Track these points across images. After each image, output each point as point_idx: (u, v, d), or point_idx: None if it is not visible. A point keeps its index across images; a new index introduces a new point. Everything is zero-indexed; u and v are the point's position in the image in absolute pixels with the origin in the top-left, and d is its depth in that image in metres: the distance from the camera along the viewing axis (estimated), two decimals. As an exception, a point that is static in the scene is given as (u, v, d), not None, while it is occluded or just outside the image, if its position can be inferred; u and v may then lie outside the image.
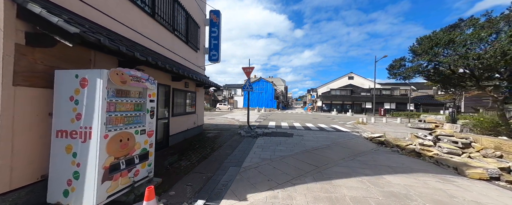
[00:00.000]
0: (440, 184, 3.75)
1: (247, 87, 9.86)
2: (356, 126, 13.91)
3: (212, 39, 9.44)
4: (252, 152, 5.84)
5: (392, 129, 12.68)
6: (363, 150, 6.37)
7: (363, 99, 37.81)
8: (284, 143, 7.26)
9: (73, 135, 2.57)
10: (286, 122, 15.55)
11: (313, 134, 9.61)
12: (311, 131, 10.52)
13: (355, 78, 41.74)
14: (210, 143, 7.01)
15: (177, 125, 6.79)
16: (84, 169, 2.50)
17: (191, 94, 8.17)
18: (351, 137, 9.00)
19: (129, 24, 4.51)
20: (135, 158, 3.08)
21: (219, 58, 9.50)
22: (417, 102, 35.59)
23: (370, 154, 5.89)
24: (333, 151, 6.17)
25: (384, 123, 16.85)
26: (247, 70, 9.89)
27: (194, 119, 8.41)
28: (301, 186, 3.51)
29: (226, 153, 5.71)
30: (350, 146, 6.90)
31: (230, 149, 6.18)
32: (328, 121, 17.69)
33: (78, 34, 2.33)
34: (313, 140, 8.00)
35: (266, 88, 44.56)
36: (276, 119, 18.36)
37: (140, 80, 3.14)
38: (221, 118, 17.22)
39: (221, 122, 14.05)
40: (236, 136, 8.56)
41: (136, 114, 3.15)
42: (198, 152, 5.79)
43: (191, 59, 8.20)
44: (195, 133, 8.59)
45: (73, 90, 2.60)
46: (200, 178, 3.89)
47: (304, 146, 6.82)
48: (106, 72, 2.55)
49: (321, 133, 10.10)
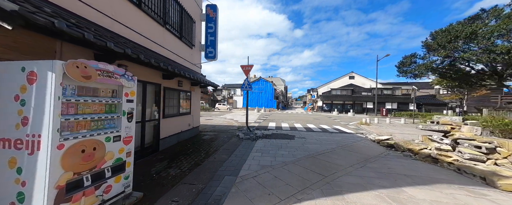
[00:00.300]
0: (471, 198, 3.19)
1: (246, 86, 9.29)
2: (359, 127, 13.35)
3: (209, 35, 8.87)
4: (250, 158, 5.27)
5: (398, 130, 12.12)
6: (373, 155, 5.81)
7: (364, 99, 37.27)
8: (285, 146, 6.69)
9: (17, 145, 2.00)
10: (287, 123, 14.99)
11: (316, 136, 9.05)
12: (313, 133, 9.95)
13: (356, 78, 41.20)
14: (205, 147, 6.44)
15: (169, 127, 6.22)
16: (30, 189, 1.93)
17: (185, 94, 7.60)
18: (357, 139, 8.44)
19: (110, 13, 3.93)
20: (106, 171, 2.51)
21: (216, 55, 8.93)
22: (419, 102, 35.05)
23: (381, 160, 5.33)
24: (340, 156, 5.60)
25: (388, 123, 16.29)
26: (246, 68, 9.32)
27: (189, 120, 7.84)
28: (308, 203, 2.95)
29: (222, 159, 5.15)
30: (357, 150, 6.34)
31: (226, 154, 5.61)
32: (330, 121, 17.13)
33: (18, 13, 1.76)
34: (316, 143, 7.43)
35: (266, 88, 43.98)
36: (276, 119, 17.80)
37: (113, 76, 2.57)
38: (220, 119, 16.65)
39: (219, 123, 13.48)
40: (234, 138, 7.99)
41: (107, 117, 2.58)
42: (191, 158, 5.22)
43: (185, 56, 7.63)
44: (190, 135, 8.02)
45: (19, 87, 2.03)
46: (189, 191, 3.32)
47: (308, 150, 6.26)
48: (60, 64, 1.98)
49: (324, 135, 9.53)
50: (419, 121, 17.14)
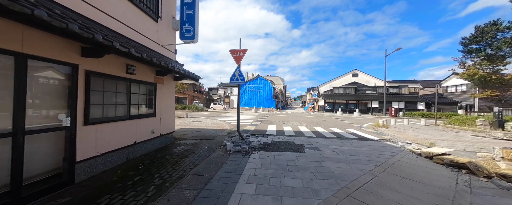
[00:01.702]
0: None
1: (237, 78, 6.83)
2: (377, 130, 10.97)
3: (185, 7, 6.39)
4: (236, 197, 2.85)
5: (428, 135, 9.73)
6: (444, 187, 3.41)
7: (369, 98, 34.97)
8: (294, 167, 4.27)
9: None
10: (289, 125, 12.55)
11: (333, 145, 6.63)
12: (327, 140, 7.53)
13: (360, 75, 38.82)
14: (167, 169, 3.99)
15: (103, 139, 3.76)
16: None
17: (145, 87, 5.15)
18: (391, 151, 6.03)
19: None
20: None
21: (195, 35, 6.43)
22: (428, 100, 32.81)
23: (474, 200, 2.94)
24: (394, 192, 3.18)
25: (407, 125, 13.94)
26: (236, 53, 6.87)
27: (151, 125, 5.37)
28: None
29: (183, 200, 2.71)
30: (411, 176, 3.93)
31: (195, 186, 3.18)
32: (339, 123, 14.73)
33: None
34: (339, 158, 5.01)
35: (264, 87, 41.51)
36: (276, 121, 15.36)
37: None
38: (210, 121, 14.14)
39: (207, 126, 11.00)
40: (218, 150, 5.55)
41: None
42: (125, 199, 2.77)
43: (146, 31, 5.17)
44: (155, 146, 5.56)
45: None
46: None
47: (332, 175, 3.84)
48: None
49: (342, 143, 7.12)
50: (443, 122, 14.80)
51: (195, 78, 7.06)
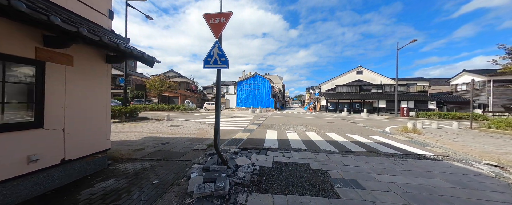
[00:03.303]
0: None
1: (214, 59, 4.09)
2: (411, 138, 8.31)
3: None
4: None
5: (489, 145, 7.05)
6: None
7: (374, 97, 32.44)
8: None
9: None
10: (294, 130, 9.82)
11: (378, 172, 3.93)
12: (359, 160, 4.83)
13: (365, 73, 36.20)
14: None
15: None
16: None
17: (11, 70, 2.39)
18: (489, 186, 3.35)
19: None
20: None
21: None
22: (440, 99, 30.36)
23: None
24: None
25: (438, 129, 11.33)
26: (213, 20, 4.14)
27: (29, 146, 2.62)
28: None
29: None
30: None
31: None
32: (354, 127, 12.06)
33: None
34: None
35: (262, 85, 38.73)
36: (276, 124, 12.60)
37: None
38: (193, 125, 11.27)
39: (184, 134, 8.19)
40: (174, 190, 2.82)
41: None
42: None
43: None
44: (40, 187, 2.80)
45: None
46: None
47: None
48: None
49: (389, 166, 4.42)
50: (481, 125, 12.18)
51: (149, 60, 4.30)
